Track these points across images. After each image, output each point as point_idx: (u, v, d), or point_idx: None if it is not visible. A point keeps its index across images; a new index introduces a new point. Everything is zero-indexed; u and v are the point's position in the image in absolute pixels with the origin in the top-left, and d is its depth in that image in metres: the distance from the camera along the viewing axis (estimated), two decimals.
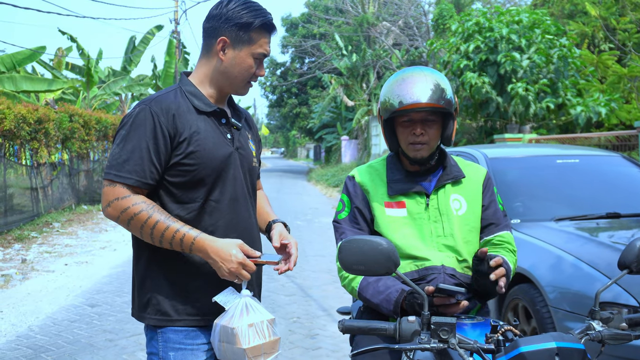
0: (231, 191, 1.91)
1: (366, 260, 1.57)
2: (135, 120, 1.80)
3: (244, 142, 2.00)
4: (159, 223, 1.74)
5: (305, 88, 38.23)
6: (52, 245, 9.12)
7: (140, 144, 1.78)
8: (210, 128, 1.88)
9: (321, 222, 11.94)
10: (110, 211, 1.79)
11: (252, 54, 1.87)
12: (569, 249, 3.47)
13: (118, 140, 1.81)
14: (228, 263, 1.75)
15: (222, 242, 1.77)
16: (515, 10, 12.47)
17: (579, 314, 3.12)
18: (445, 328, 1.47)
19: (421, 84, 1.98)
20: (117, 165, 1.78)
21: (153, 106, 1.82)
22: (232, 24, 1.85)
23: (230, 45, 1.86)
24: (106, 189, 1.79)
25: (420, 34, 22.97)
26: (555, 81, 11.66)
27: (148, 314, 1.88)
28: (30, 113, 10.63)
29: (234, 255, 1.75)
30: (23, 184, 11.23)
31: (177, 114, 1.82)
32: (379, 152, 22.35)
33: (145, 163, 1.78)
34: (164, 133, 1.79)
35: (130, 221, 1.76)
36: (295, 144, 70.47)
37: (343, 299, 5.81)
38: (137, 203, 1.75)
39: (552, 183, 4.44)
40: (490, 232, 2.12)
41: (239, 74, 1.89)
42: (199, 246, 1.76)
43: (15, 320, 5.27)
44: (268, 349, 1.77)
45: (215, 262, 1.76)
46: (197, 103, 1.88)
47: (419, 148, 2.03)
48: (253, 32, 1.86)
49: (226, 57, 1.87)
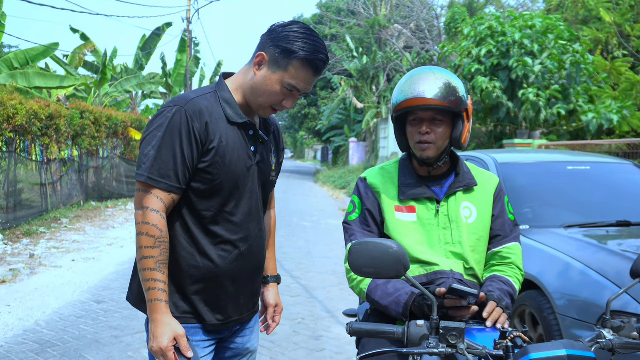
0: (246, 205, 1.89)
1: (376, 263, 1.56)
2: (172, 122, 1.76)
3: (266, 155, 1.98)
4: (151, 260, 1.72)
5: (314, 89, 38.27)
6: (60, 241, 9.16)
7: (176, 148, 1.75)
8: (237, 139, 1.85)
9: (328, 224, 11.92)
10: (138, 215, 1.77)
11: (282, 82, 1.80)
12: (578, 256, 3.44)
13: (154, 141, 1.76)
14: (153, 341, 1.72)
15: (166, 320, 1.73)
16: (528, 15, 12.41)
17: (586, 322, 3.09)
18: (454, 333, 1.45)
19: (427, 82, 1.98)
20: (152, 168, 1.75)
21: (189, 109, 1.78)
22: (277, 44, 1.78)
23: (266, 63, 1.81)
24: (138, 194, 1.77)
25: (431, 37, 22.94)
26: (567, 87, 11.59)
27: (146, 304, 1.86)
28: (42, 109, 10.70)
29: (161, 340, 1.71)
30: (33, 179, 11.31)
31: (209, 121, 1.79)
32: (387, 154, 22.31)
33: (179, 168, 1.76)
34: (197, 139, 1.77)
35: (140, 235, 1.74)
36: (303, 145, 70.51)
37: (348, 300, 5.80)
38: (157, 227, 1.73)
39: (562, 190, 4.41)
40: (498, 243, 2.11)
41: (264, 94, 1.83)
42: (152, 307, 1.73)
43: (22, 315, 5.29)
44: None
45: (150, 331, 1.74)
46: (229, 112, 1.85)
47: (425, 147, 2.02)
48: (293, 61, 1.78)
49: (259, 73, 1.82)
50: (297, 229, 11.06)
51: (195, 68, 25.52)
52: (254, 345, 2.11)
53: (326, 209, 14.98)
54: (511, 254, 2.09)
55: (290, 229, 10.85)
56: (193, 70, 25.14)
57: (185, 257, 1.83)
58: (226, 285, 1.89)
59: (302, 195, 18.89)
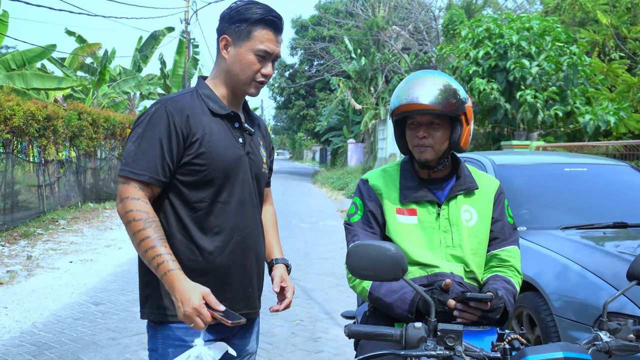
0: (239, 194, 1.91)
1: (374, 266, 1.56)
2: (152, 119, 1.83)
3: (255, 147, 2.00)
4: (147, 240, 1.73)
5: (313, 90, 38.27)
6: (57, 243, 9.15)
7: (155, 142, 1.80)
8: (222, 131, 1.89)
9: (326, 225, 11.93)
10: (119, 208, 1.81)
11: (252, 50, 1.86)
12: (575, 257, 3.44)
13: (134, 137, 1.84)
14: (185, 305, 1.71)
15: (188, 284, 1.72)
16: (526, 17, 12.43)
17: (583, 324, 3.10)
18: (452, 335, 1.46)
19: (423, 86, 1.99)
20: (133, 162, 1.80)
21: (169, 105, 1.84)
22: (233, 22, 1.87)
23: (231, 43, 1.88)
24: (121, 186, 1.82)
25: (429, 38, 22.96)
26: (565, 89, 11.62)
27: (147, 308, 1.89)
28: (39, 110, 10.69)
29: (192, 301, 1.70)
30: (30, 180, 11.29)
31: (191, 115, 1.84)
32: (385, 156, 22.32)
33: (158, 160, 1.80)
34: (177, 132, 1.82)
35: (128, 224, 1.77)
36: (302, 146, 70.50)
37: (346, 302, 5.80)
38: (141, 211, 1.76)
39: (560, 191, 4.42)
40: (497, 245, 2.12)
41: (241, 71, 1.89)
42: (167, 280, 1.73)
43: (19, 317, 5.28)
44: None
45: (176, 302, 1.73)
46: (212, 105, 1.90)
47: (422, 150, 2.04)
48: (252, 27, 1.86)
49: (229, 55, 1.89)
50: (296, 230, 11.06)
51: (194, 69, 25.51)
52: (253, 347, 2.11)
53: (324, 210, 14.98)
54: (510, 257, 2.10)
55: (289, 230, 10.85)
56: (191, 71, 25.15)
57: (184, 252, 1.85)
58: (229, 276, 1.89)
59: (301, 196, 18.89)
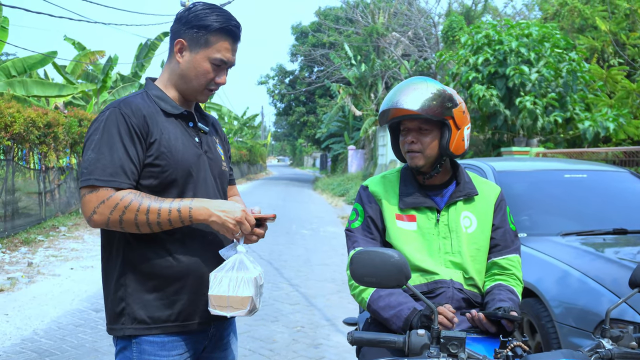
0: (203, 194, 1.86)
1: (377, 272, 1.57)
2: (107, 122, 1.74)
3: (212, 146, 1.97)
4: (151, 207, 1.69)
5: (313, 97, 38.34)
6: (58, 249, 9.15)
7: (117, 146, 1.72)
8: (178, 130, 1.85)
9: (327, 231, 11.93)
10: (96, 218, 1.69)
11: (208, 58, 1.82)
12: (575, 264, 3.45)
13: (92, 145, 1.73)
14: (233, 214, 1.74)
15: (216, 202, 1.77)
16: (525, 24, 12.47)
17: (584, 330, 3.10)
18: (455, 342, 1.47)
19: (405, 92, 2.02)
20: (97, 170, 1.70)
21: (123, 108, 1.77)
22: (191, 26, 1.82)
23: (187, 47, 1.83)
24: (88, 197, 1.69)
25: (429, 45, 23.02)
26: (564, 95, 11.64)
27: (123, 323, 1.79)
28: (39, 117, 10.70)
29: (237, 207, 1.76)
30: (31, 187, 11.29)
31: (147, 115, 1.78)
32: (386, 162, 22.34)
33: (125, 163, 1.72)
34: (137, 133, 1.75)
35: (122, 217, 1.68)
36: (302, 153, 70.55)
37: (347, 308, 5.80)
38: (124, 196, 1.69)
39: (560, 198, 4.43)
40: (498, 253, 2.12)
41: (195, 78, 1.84)
42: (197, 211, 1.73)
43: (20, 324, 5.28)
44: (235, 303, 1.75)
45: (219, 218, 1.73)
46: (164, 106, 1.85)
47: (412, 156, 2.07)
48: (211, 36, 1.81)
49: (183, 59, 1.84)
50: (296, 236, 11.06)
51: None
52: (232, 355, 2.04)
53: (325, 217, 14.98)
54: (511, 266, 2.11)
55: (289, 237, 10.85)
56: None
57: (156, 260, 1.78)
58: (206, 277, 1.81)
59: (301, 203, 18.89)
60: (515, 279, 2.09)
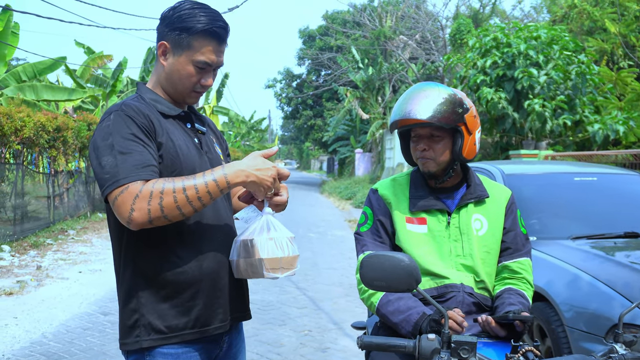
0: None
1: (387, 277, 1.56)
2: (117, 126, 1.67)
3: (211, 146, 1.93)
4: (187, 185, 1.62)
5: (320, 100, 38.38)
6: (66, 253, 9.18)
7: (133, 145, 1.64)
8: (179, 131, 1.80)
9: (334, 235, 11.91)
10: (136, 215, 1.58)
11: (192, 61, 1.75)
12: (586, 267, 3.42)
13: (107, 150, 1.64)
14: (268, 171, 1.70)
15: (248, 159, 1.72)
16: (533, 26, 12.44)
17: (595, 335, 3.07)
18: (466, 347, 1.45)
19: (416, 100, 2.00)
20: (121, 170, 1.60)
21: (125, 110, 1.70)
22: (173, 28, 1.74)
23: (170, 50, 1.76)
24: (120, 199, 1.59)
25: (437, 48, 23.00)
26: (573, 98, 11.59)
27: (137, 336, 1.72)
28: (49, 121, 10.76)
29: (268, 163, 1.72)
30: (40, 191, 11.36)
31: (150, 115, 1.73)
32: (393, 165, 22.31)
33: (147, 159, 1.64)
34: (145, 132, 1.69)
35: (162, 203, 1.59)
36: (309, 156, 70.61)
37: (355, 312, 5.78)
38: (155, 184, 1.60)
39: (570, 201, 4.40)
40: (509, 257, 2.11)
41: (179, 81, 1.78)
42: (233, 175, 1.67)
43: (29, 327, 5.30)
44: (286, 264, 1.75)
45: (258, 177, 1.69)
46: (160, 107, 1.79)
47: (424, 162, 2.07)
48: (194, 38, 1.73)
49: (167, 62, 1.78)
50: (303, 240, 11.05)
51: None
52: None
53: (332, 220, 14.96)
54: (522, 269, 2.09)
55: (296, 240, 10.79)
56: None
57: (168, 267, 1.73)
58: (220, 281, 1.79)
59: (308, 206, 18.90)
60: (526, 283, 2.08)
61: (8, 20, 13.21)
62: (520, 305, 1.94)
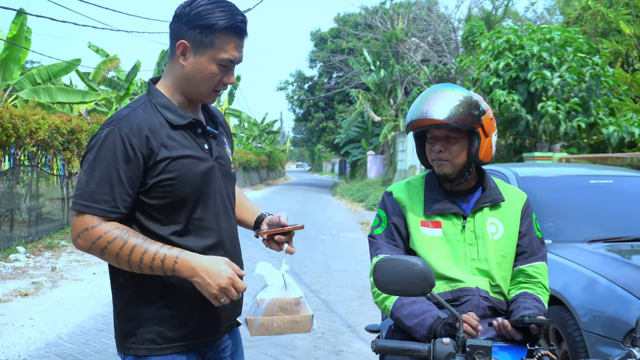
0: (213, 206, 1.77)
1: (401, 280, 1.56)
2: (104, 143, 1.63)
3: (222, 150, 1.85)
4: (136, 247, 1.60)
5: (332, 103, 38.41)
6: (80, 254, 9.25)
7: (110, 170, 1.62)
8: (187, 142, 1.72)
9: (346, 237, 11.90)
10: (80, 242, 1.63)
11: (215, 60, 1.68)
12: (603, 271, 3.39)
13: (85, 166, 1.64)
14: (218, 279, 1.61)
15: (208, 259, 1.64)
16: (546, 28, 12.35)
17: (612, 339, 3.04)
18: (481, 351, 1.44)
19: (434, 101, 2.00)
20: (86, 194, 1.62)
21: (122, 127, 1.64)
22: (193, 26, 1.66)
23: (190, 49, 1.68)
24: (74, 220, 1.64)
25: (449, 50, 22.92)
26: (587, 100, 11.49)
27: (133, 343, 1.72)
28: (63, 124, 10.86)
29: (223, 271, 1.62)
30: (54, 193, 11.45)
31: (150, 134, 1.66)
32: (405, 167, 22.24)
33: (116, 191, 1.62)
34: (137, 155, 1.63)
35: (104, 250, 1.61)
36: (321, 158, 70.65)
37: (368, 315, 5.77)
38: (110, 230, 1.60)
39: (585, 204, 4.35)
40: (525, 261, 2.10)
41: (202, 81, 1.70)
42: (182, 266, 1.61)
43: (44, 328, 5.34)
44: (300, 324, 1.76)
45: (203, 280, 1.62)
46: (170, 117, 1.71)
47: (440, 164, 2.06)
48: (216, 36, 1.66)
49: (187, 62, 1.69)
50: (316, 242, 11.05)
51: None
52: None
53: (344, 222, 14.95)
54: (538, 274, 2.08)
55: (309, 242, 10.84)
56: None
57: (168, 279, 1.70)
58: None
59: (320, 208, 18.89)
60: (542, 287, 2.06)
61: (22, 24, 13.36)
62: (536, 309, 1.93)
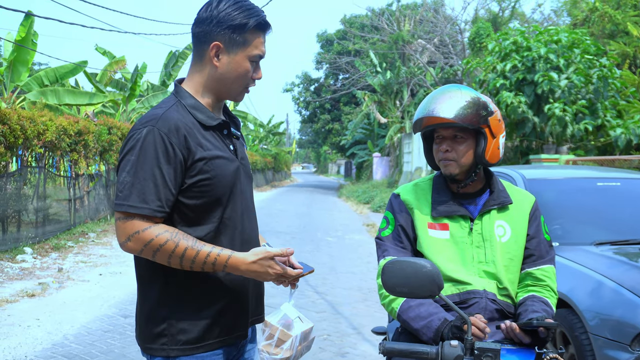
0: (240, 206, 1.82)
1: (409, 282, 1.55)
2: (145, 143, 1.66)
3: (243, 150, 1.91)
4: (188, 250, 1.65)
5: (338, 104, 38.42)
6: (87, 255, 9.29)
7: (154, 170, 1.65)
8: (217, 143, 1.78)
9: (352, 239, 11.89)
10: (131, 245, 1.67)
11: (248, 57, 1.76)
12: (610, 274, 3.37)
13: (128, 167, 1.67)
14: (265, 276, 1.72)
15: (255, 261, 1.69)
16: (554, 30, 12.31)
17: (620, 342, 3.02)
18: (489, 354, 1.44)
19: (441, 100, 2.00)
20: (132, 196, 1.65)
21: (161, 127, 1.68)
22: (225, 27, 1.72)
23: (224, 50, 1.74)
24: (122, 223, 1.66)
25: (455, 52, 22.89)
26: (595, 102, 11.44)
27: (164, 344, 1.73)
28: (71, 125, 10.91)
29: (268, 270, 1.70)
30: (61, 194, 11.50)
31: (187, 133, 1.70)
32: (411, 169, 22.21)
33: (161, 190, 1.66)
34: (177, 155, 1.68)
35: (157, 253, 1.65)
36: (326, 160, 70.68)
37: (374, 317, 5.75)
38: (161, 233, 1.64)
39: (593, 206, 4.33)
40: (533, 264, 2.09)
41: (236, 79, 1.77)
42: (231, 269, 1.69)
43: (51, 329, 5.36)
44: None
45: (258, 276, 1.72)
46: (201, 117, 1.76)
47: (446, 164, 2.05)
48: (248, 34, 1.74)
49: (221, 63, 1.75)
50: (321, 243, 11.04)
51: None
52: None
53: (350, 224, 14.94)
54: (546, 277, 2.07)
55: (314, 244, 10.84)
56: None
57: (201, 279, 1.74)
58: (246, 286, 1.83)
59: (326, 210, 18.88)
60: (550, 290, 2.05)
61: (30, 26, 13.44)
62: (544, 312, 1.92)
